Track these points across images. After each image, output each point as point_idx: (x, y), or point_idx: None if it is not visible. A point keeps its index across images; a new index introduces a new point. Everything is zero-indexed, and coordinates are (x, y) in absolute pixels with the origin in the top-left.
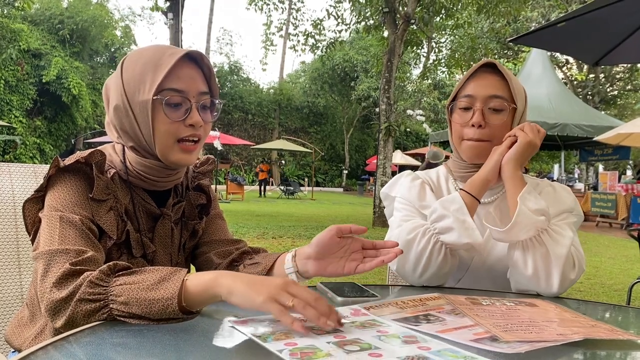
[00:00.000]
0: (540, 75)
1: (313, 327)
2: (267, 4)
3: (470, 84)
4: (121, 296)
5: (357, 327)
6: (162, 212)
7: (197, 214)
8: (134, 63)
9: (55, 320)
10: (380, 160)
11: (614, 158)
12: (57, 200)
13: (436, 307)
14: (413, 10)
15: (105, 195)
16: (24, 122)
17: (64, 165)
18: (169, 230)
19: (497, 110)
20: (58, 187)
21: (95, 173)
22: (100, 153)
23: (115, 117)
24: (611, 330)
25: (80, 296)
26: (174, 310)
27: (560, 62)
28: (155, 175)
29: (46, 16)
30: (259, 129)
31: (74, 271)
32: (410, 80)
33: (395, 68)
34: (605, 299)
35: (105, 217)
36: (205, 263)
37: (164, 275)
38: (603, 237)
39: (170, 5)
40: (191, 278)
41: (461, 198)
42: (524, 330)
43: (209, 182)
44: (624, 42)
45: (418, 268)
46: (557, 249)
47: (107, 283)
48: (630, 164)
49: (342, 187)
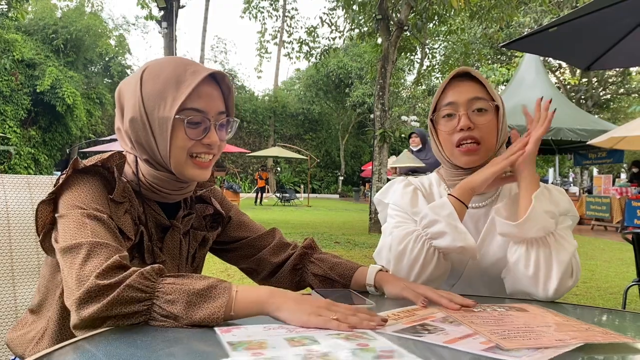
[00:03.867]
0: (534, 80)
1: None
2: (262, 12)
3: (448, 92)
4: (169, 294)
5: (342, 339)
6: (172, 223)
7: (207, 225)
8: (154, 77)
9: (88, 306)
10: (376, 167)
11: (608, 161)
12: (76, 198)
13: (428, 315)
14: (406, 17)
15: (123, 198)
16: (18, 132)
17: (82, 167)
18: (177, 242)
19: (481, 111)
20: (77, 187)
21: (117, 175)
22: (120, 155)
23: (131, 128)
24: (606, 334)
25: (130, 282)
26: (219, 317)
27: (554, 66)
28: (167, 188)
29: (40, 26)
30: (254, 137)
31: (122, 265)
32: (404, 87)
33: (390, 74)
34: (601, 302)
35: (123, 219)
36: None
37: (211, 282)
38: (598, 241)
39: (164, 14)
40: (242, 290)
41: (451, 204)
42: (522, 336)
43: (207, 194)
44: (614, 47)
45: (412, 273)
46: (561, 254)
47: (155, 280)
48: (625, 167)
49: (338, 193)
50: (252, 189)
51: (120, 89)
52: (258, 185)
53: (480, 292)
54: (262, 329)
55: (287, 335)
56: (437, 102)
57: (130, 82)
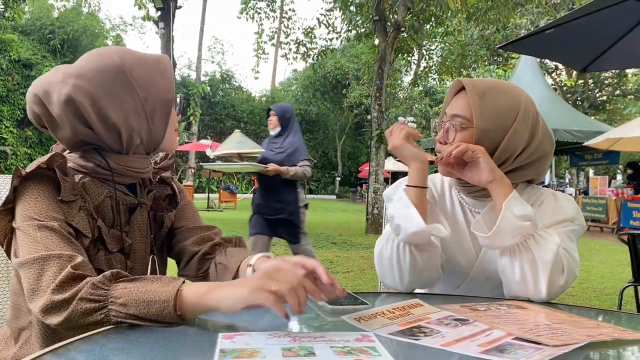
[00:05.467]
0: (530, 82)
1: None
2: (259, 13)
3: (450, 101)
4: (120, 298)
5: (339, 352)
6: (139, 201)
7: (165, 206)
8: (142, 68)
9: (51, 318)
10: (373, 168)
11: (603, 163)
12: (29, 209)
13: (422, 317)
14: (403, 18)
15: (73, 196)
16: (14, 133)
17: (26, 174)
18: (146, 219)
19: (461, 128)
20: (27, 196)
21: (60, 175)
22: (60, 156)
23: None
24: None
25: (82, 295)
26: (170, 312)
27: (550, 68)
28: (138, 167)
29: (37, 26)
30: (252, 137)
31: (76, 275)
32: (401, 88)
33: (387, 75)
34: (597, 303)
35: (77, 217)
36: (181, 252)
37: (163, 282)
38: (594, 242)
39: (161, 14)
40: (186, 288)
41: (404, 192)
42: (553, 333)
43: (170, 174)
44: (610, 49)
45: (395, 274)
46: (543, 254)
47: (108, 287)
48: (620, 168)
49: (335, 194)
50: (250, 190)
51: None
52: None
53: (484, 295)
54: (266, 337)
55: (285, 345)
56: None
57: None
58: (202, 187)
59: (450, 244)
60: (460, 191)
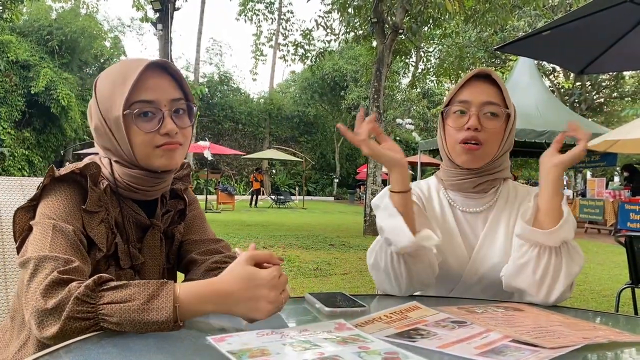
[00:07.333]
0: (528, 84)
1: (292, 342)
2: (257, 15)
3: (465, 90)
4: (113, 317)
5: (338, 342)
6: (151, 222)
7: (176, 220)
8: (103, 82)
9: (43, 330)
10: (371, 169)
11: (601, 165)
12: (50, 209)
13: (419, 319)
14: (401, 21)
15: (98, 207)
16: (12, 134)
17: (59, 175)
18: (158, 240)
19: (492, 115)
20: (52, 196)
21: (90, 185)
22: (96, 165)
23: (96, 136)
24: (620, 333)
25: (70, 314)
26: (170, 329)
27: (547, 70)
28: (143, 185)
29: (35, 27)
30: (250, 139)
31: (62, 280)
32: (399, 89)
33: (385, 77)
34: (594, 305)
35: (96, 229)
36: (190, 263)
37: (151, 291)
38: (592, 243)
39: (159, 16)
40: (183, 303)
41: (389, 199)
42: (550, 335)
43: (182, 186)
44: (608, 51)
45: (393, 283)
46: (571, 265)
47: (94, 300)
48: (618, 170)
49: (333, 195)
50: (247, 191)
51: (89, 105)
52: (253, 188)
53: (478, 297)
54: (255, 336)
55: (283, 341)
56: (452, 97)
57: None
58: (200, 188)
59: (441, 246)
60: (453, 190)
